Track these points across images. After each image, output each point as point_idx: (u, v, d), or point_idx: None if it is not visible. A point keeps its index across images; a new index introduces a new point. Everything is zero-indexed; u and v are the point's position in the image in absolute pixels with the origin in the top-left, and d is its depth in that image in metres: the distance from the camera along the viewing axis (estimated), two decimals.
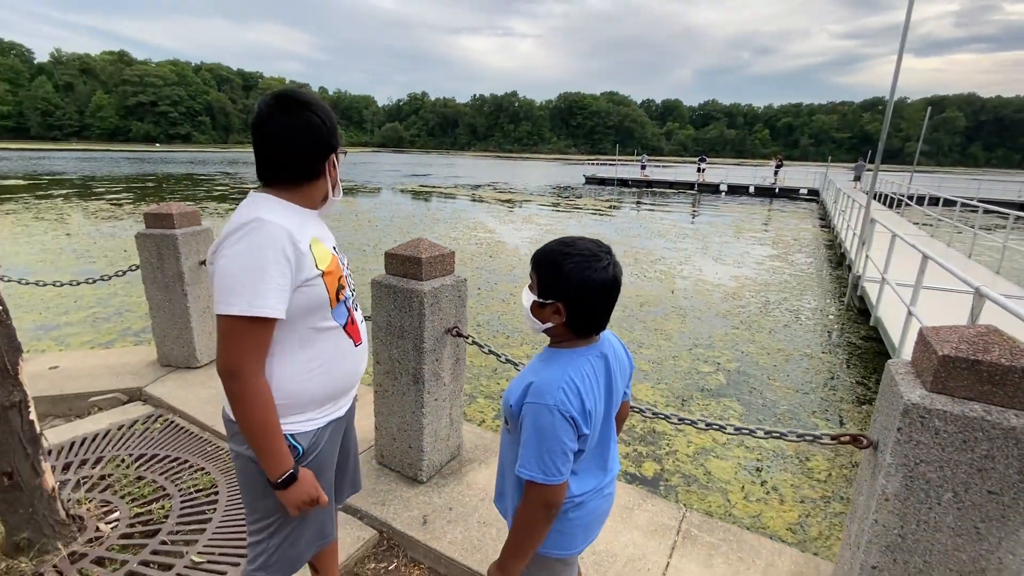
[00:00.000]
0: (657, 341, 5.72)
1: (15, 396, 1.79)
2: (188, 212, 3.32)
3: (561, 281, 1.04)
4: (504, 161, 77.34)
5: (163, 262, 3.27)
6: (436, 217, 15.25)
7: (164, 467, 2.47)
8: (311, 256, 1.14)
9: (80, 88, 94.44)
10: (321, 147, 1.18)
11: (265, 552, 1.25)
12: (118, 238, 10.71)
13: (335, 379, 1.25)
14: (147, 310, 6.18)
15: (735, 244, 12.12)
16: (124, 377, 3.32)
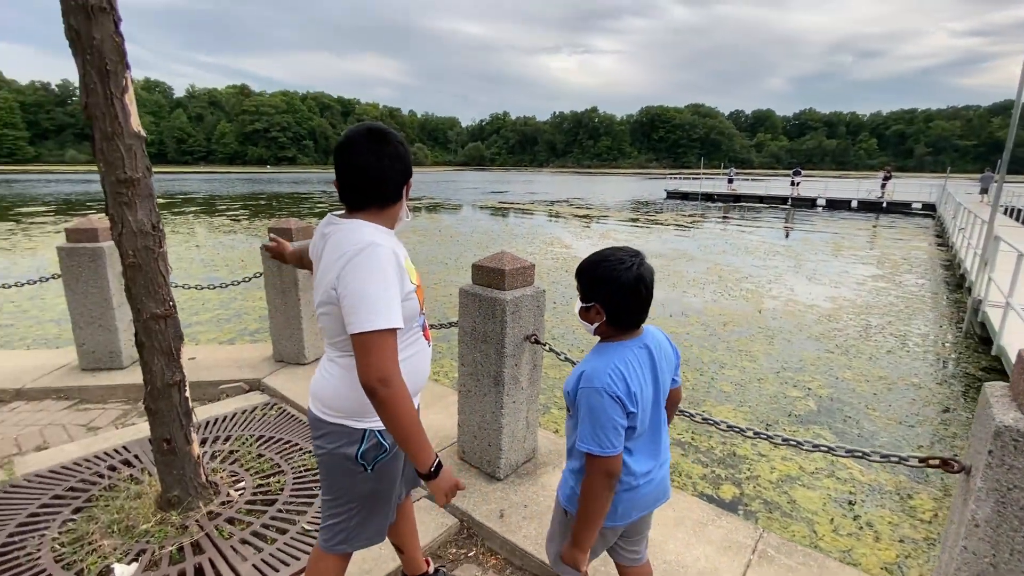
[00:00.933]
0: (741, 362, 5.51)
1: (176, 376, 2.19)
2: (304, 227, 3.78)
3: (596, 285, 1.23)
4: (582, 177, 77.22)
5: (282, 270, 3.74)
6: (514, 232, 15.63)
7: (279, 448, 2.84)
8: (408, 272, 1.30)
9: (208, 118, 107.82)
10: (404, 175, 1.33)
11: (345, 530, 1.42)
12: (237, 249, 12.10)
13: (418, 377, 1.40)
14: (260, 313, 6.99)
15: (832, 263, 11.28)
16: (245, 369, 3.81)
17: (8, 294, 7.66)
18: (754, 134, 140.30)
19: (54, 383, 3.59)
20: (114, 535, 2.14)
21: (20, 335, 6.04)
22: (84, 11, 1.78)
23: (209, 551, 2.08)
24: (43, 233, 14.57)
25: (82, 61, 1.84)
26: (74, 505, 2.33)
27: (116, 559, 2.02)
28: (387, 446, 1.36)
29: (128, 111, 1.93)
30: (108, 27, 1.83)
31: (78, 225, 3.71)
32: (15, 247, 12.13)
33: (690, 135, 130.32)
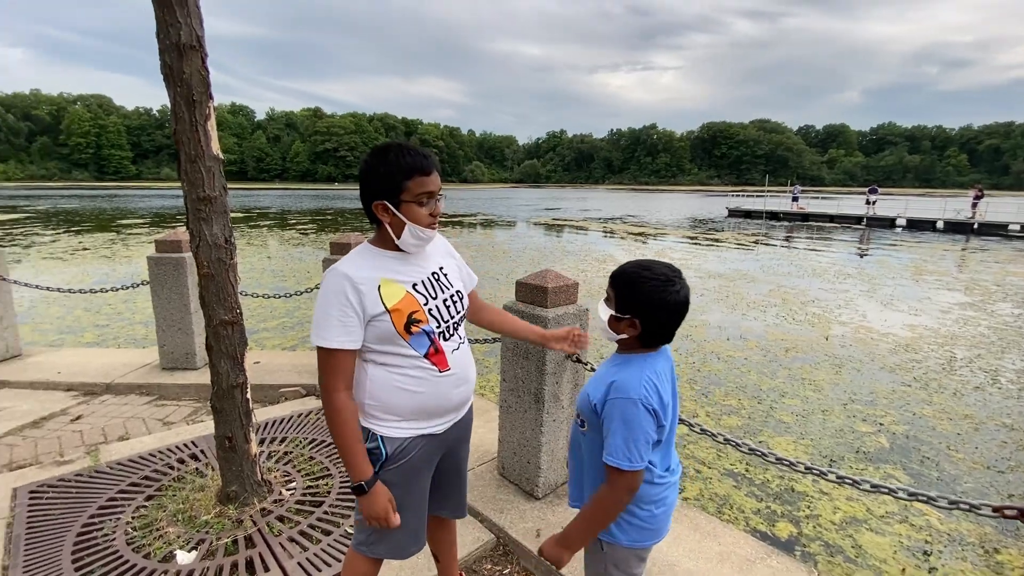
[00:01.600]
0: (804, 391, 5.19)
1: (240, 378, 2.36)
2: (361, 241, 3.99)
3: (638, 300, 1.21)
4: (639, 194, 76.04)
5: None
6: (566, 249, 15.61)
7: (329, 452, 2.97)
8: (378, 296, 1.31)
9: (284, 139, 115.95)
10: (370, 194, 1.32)
11: (364, 532, 1.47)
12: (305, 261, 12.84)
13: (422, 399, 1.38)
14: None
15: (912, 288, 10.44)
16: (304, 375, 4.03)
17: (106, 297, 8.50)
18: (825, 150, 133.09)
19: (138, 380, 3.95)
20: (179, 523, 2.32)
21: (114, 334, 6.68)
22: (177, 49, 2.00)
23: (260, 546, 2.21)
24: (138, 243, 16.11)
25: (173, 92, 2.06)
26: (147, 493, 2.55)
27: (179, 546, 2.18)
28: (385, 452, 1.38)
29: (210, 136, 2.14)
30: (196, 63, 2.05)
31: (165, 237, 4.09)
32: (115, 255, 13.48)
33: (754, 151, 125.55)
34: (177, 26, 1.99)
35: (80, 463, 2.84)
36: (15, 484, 2.63)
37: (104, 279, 10.27)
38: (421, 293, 1.39)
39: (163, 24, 1.99)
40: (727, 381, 5.40)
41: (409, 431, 1.40)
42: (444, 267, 1.49)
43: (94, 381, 3.92)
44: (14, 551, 2.17)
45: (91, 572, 2.05)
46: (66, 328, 6.99)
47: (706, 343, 6.67)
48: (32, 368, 4.16)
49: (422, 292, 1.39)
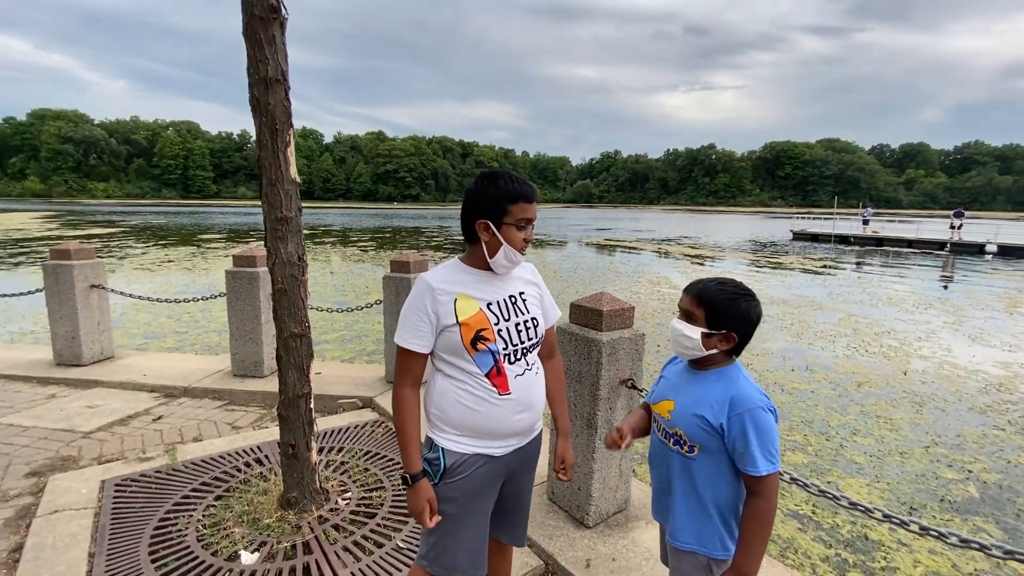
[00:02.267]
0: (879, 430, 4.81)
1: (305, 388, 2.48)
2: (421, 260, 4.12)
3: (736, 315, 1.28)
4: (695, 215, 74.06)
5: (399, 298, 4.08)
6: (619, 270, 15.39)
7: (383, 464, 3.04)
8: (453, 308, 1.39)
9: (349, 161, 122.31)
10: (475, 214, 1.41)
11: (425, 545, 1.50)
12: (364, 277, 13.38)
13: (478, 417, 1.41)
14: (378, 336, 7.61)
15: (1006, 321, 9.49)
16: (361, 387, 4.17)
17: (186, 307, 9.18)
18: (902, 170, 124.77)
19: (211, 385, 4.22)
20: (243, 524, 2.44)
21: (191, 341, 7.20)
22: (264, 83, 2.19)
23: (316, 553, 2.28)
24: (215, 256, 17.37)
25: (259, 122, 2.25)
26: (216, 493, 2.71)
27: (243, 547, 2.29)
28: (444, 463, 1.43)
29: (289, 162, 2.30)
30: (280, 95, 2.23)
31: (242, 252, 4.40)
32: (195, 267, 14.59)
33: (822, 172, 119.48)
34: (265, 62, 2.17)
35: (159, 460, 3.06)
36: (103, 477, 2.86)
37: (185, 289, 11.12)
38: (494, 312, 1.43)
39: (253, 60, 2.18)
40: (792, 414, 5.10)
41: (467, 447, 1.44)
42: (525, 293, 1.52)
43: (173, 384, 4.23)
44: (100, 539, 2.36)
45: (165, 564, 2.19)
46: (151, 333, 7.61)
47: (768, 373, 6.34)
48: (122, 369, 4.55)
49: (495, 312, 1.44)
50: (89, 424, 3.57)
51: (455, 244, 23.74)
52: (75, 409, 3.82)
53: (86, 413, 3.75)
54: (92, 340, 4.67)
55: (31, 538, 2.37)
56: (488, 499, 1.49)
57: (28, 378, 4.40)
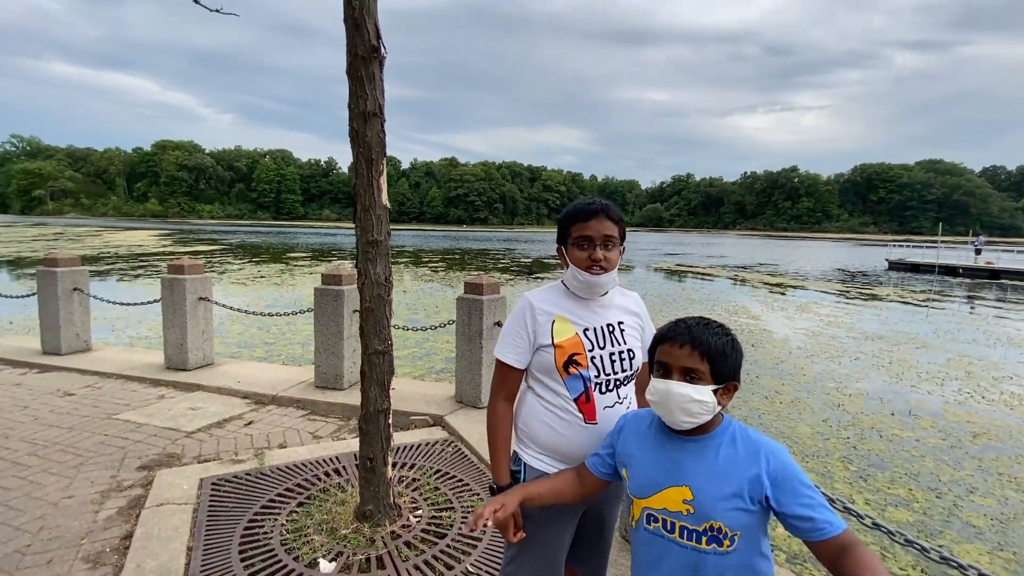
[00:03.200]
0: (1002, 490, 4.22)
1: (385, 404, 2.57)
2: (492, 283, 4.19)
3: (739, 362, 1.12)
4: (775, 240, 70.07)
5: (471, 319, 4.16)
6: (691, 297, 14.80)
7: (452, 485, 3.07)
8: (550, 329, 1.42)
9: (423, 185, 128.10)
10: (558, 237, 1.50)
11: (504, 560, 1.52)
12: (434, 296, 13.81)
13: (560, 438, 1.42)
14: (447, 355, 7.78)
15: None
16: (432, 405, 4.26)
17: (275, 319, 9.89)
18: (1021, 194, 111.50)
19: (296, 395, 4.48)
20: (322, 533, 2.54)
21: (277, 351, 7.73)
22: (363, 116, 2.35)
23: (389, 568, 2.32)
24: (301, 273, 18.66)
25: (356, 152, 2.41)
26: (298, 500, 2.84)
27: (322, 555, 2.38)
28: (523, 478, 1.45)
29: (381, 189, 2.45)
30: (376, 127, 2.38)
31: (329, 271, 4.69)
32: (283, 283, 15.74)
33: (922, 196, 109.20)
34: (365, 97, 2.34)
35: (249, 463, 3.27)
36: (202, 475, 3.10)
37: (274, 303, 12.01)
38: (589, 339, 1.44)
39: (354, 96, 2.35)
40: (893, 465, 4.59)
41: (548, 466, 1.45)
42: (624, 322, 1.51)
43: (263, 392, 4.53)
44: (197, 534, 2.54)
45: (252, 564, 2.32)
46: (244, 343, 8.25)
47: (863, 416, 5.78)
48: (220, 375, 4.95)
49: (590, 338, 1.44)
50: (191, 425, 3.90)
51: (520, 266, 23.97)
52: (180, 410, 4.19)
53: (189, 414, 4.10)
54: (197, 347, 5.13)
55: (140, 527, 2.60)
56: (564, 524, 1.46)
57: (143, 379, 4.90)
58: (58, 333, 5.47)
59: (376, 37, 2.30)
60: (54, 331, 5.48)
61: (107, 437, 3.65)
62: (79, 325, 5.64)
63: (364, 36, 2.27)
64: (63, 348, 5.48)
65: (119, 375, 4.97)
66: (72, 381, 4.84)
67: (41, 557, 2.39)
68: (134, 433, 3.74)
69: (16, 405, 4.20)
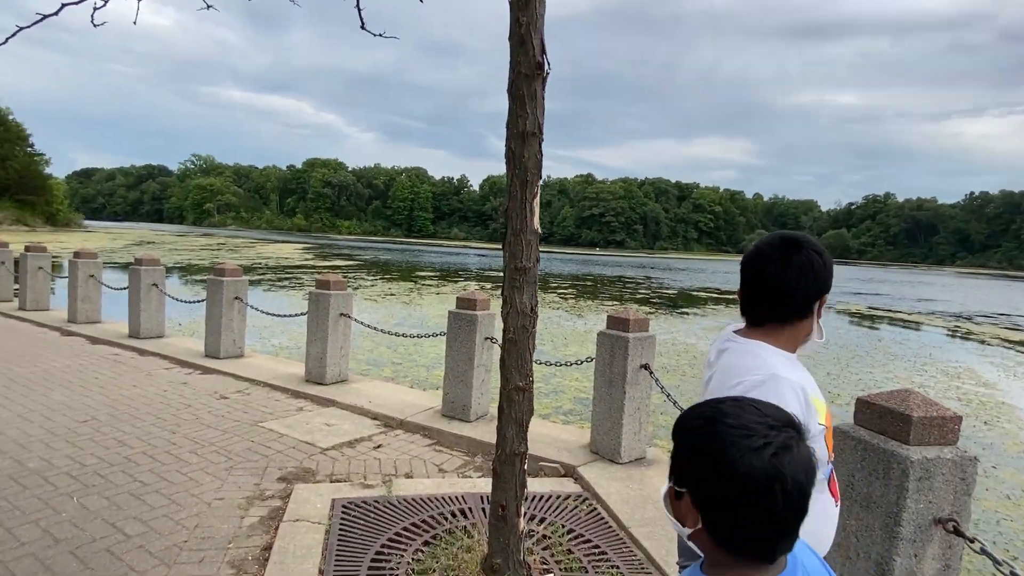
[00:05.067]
0: None
1: (521, 447, 2.58)
2: (641, 319, 4.05)
3: (693, 460, 0.80)
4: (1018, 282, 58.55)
5: (613, 359, 4.05)
6: (890, 351, 12.88)
7: (587, 550, 2.95)
8: (815, 409, 1.24)
9: (555, 204, 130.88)
10: (816, 289, 1.31)
11: None
12: (563, 327, 13.85)
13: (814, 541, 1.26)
14: (577, 395, 7.70)
15: None
16: (563, 452, 4.20)
17: (403, 340, 10.71)
18: None
19: (423, 421, 4.74)
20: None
21: (404, 372, 8.31)
22: (521, 136, 2.44)
23: None
24: (428, 292, 20.07)
25: (511, 173, 2.51)
26: (424, 538, 2.96)
27: None
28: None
29: (534, 212, 2.51)
30: (534, 148, 2.46)
31: (465, 295, 4.94)
32: (411, 302, 17.05)
33: None
34: (525, 116, 2.43)
35: (378, 489, 3.50)
36: (334, 495, 3.39)
37: (402, 322, 13.03)
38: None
39: (514, 115, 2.46)
40: None
41: None
42: None
43: (391, 415, 4.87)
44: (328, 557, 2.76)
45: None
46: (373, 360, 9.03)
47: None
48: (352, 393, 5.44)
49: None
50: (327, 441, 4.32)
51: (662, 298, 23.09)
52: (317, 424, 4.67)
53: (324, 430, 4.55)
54: (335, 363, 5.72)
55: (278, 541, 2.90)
56: None
57: (285, 389, 5.58)
58: (219, 338, 6.49)
59: (541, 52, 2.39)
60: (216, 336, 6.52)
61: (253, 444, 4.19)
62: (236, 332, 6.64)
63: (529, 53, 2.37)
64: (221, 352, 6.48)
65: (266, 383, 5.72)
66: (227, 385, 5.68)
67: (195, 555, 2.78)
68: (276, 443, 4.24)
69: (183, 403, 5.04)
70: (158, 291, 7.51)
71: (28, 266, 9.08)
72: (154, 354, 6.72)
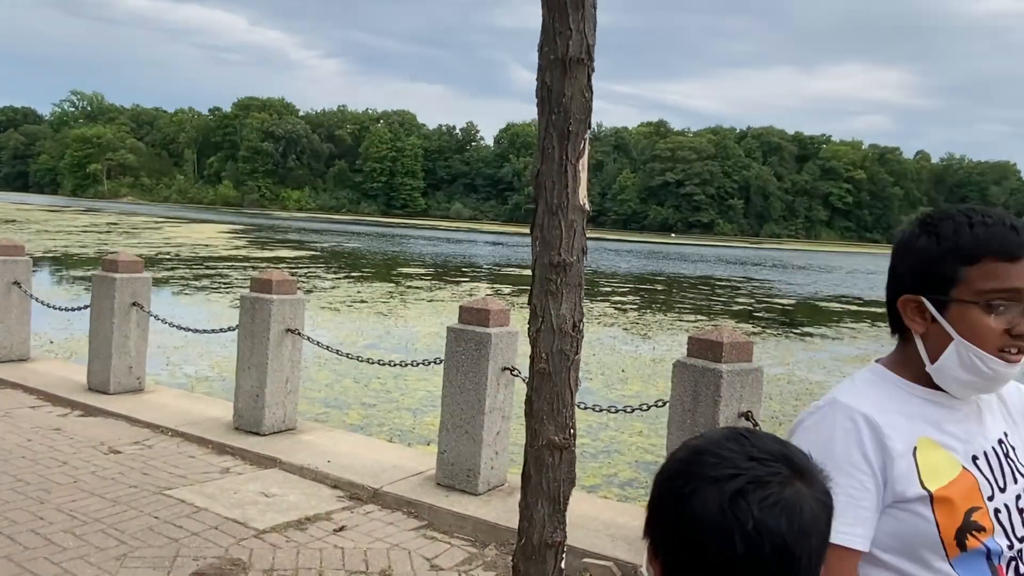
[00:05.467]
0: None
1: (558, 535, 2.59)
2: (740, 343, 4.03)
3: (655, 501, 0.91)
4: None
5: (697, 404, 4.04)
6: None
7: None
8: (913, 464, 1.25)
9: (608, 167, 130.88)
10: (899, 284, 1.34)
11: None
12: (620, 353, 13.85)
13: None
14: (641, 456, 7.69)
15: None
16: (619, 543, 4.20)
17: (377, 370, 10.81)
18: None
19: (407, 493, 4.79)
20: None
21: (380, 418, 8.41)
22: (562, 65, 2.46)
23: None
24: (416, 299, 20.24)
25: (545, 121, 2.52)
26: None
27: None
28: None
29: (579, 179, 2.52)
30: (581, 81, 2.47)
31: (472, 304, 4.98)
32: (391, 312, 17.24)
33: None
34: (567, 34, 2.45)
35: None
36: None
37: (377, 342, 13.18)
38: (986, 477, 1.30)
39: (550, 33, 2.48)
40: None
41: None
42: (1009, 435, 1.39)
43: (362, 483, 4.93)
44: None
45: None
46: (333, 400, 9.15)
47: None
48: (303, 448, 5.53)
49: (987, 475, 1.31)
50: (263, 519, 4.38)
51: (773, 312, 22.90)
52: (249, 494, 4.75)
53: (261, 503, 4.63)
54: (277, 403, 5.81)
55: None
56: None
57: (204, 441, 5.69)
58: (108, 363, 6.65)
59: None
60: (104, 361, 6.68)
61: (157, 521, 4.27)
62: (134, 355, 6.79)
63: None
64: (112, 385, 6.64)
65: (175, 431, 5.85)
66: (120, 432, 5.81)
67: None
68: (190, 520, 4.32)
69: (55, 459, 5.17)
70: (21, 292, 7.72)
71: None
72: (14, 385, 6.90)
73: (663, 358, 13.07)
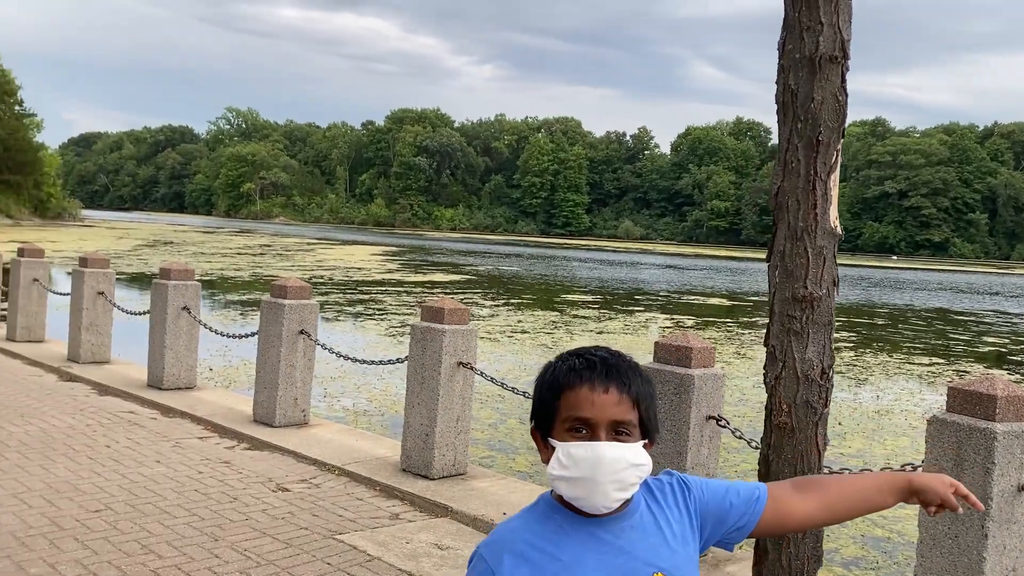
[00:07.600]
0: None
1: None
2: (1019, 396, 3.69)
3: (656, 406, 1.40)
4: None
5: (961, 471, 3.72)
6: None
7: None
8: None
9: None
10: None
11: None
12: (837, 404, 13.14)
13: None
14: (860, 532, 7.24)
15: None
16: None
17: None
18: None
19: None
20: None
21: None
22: (810, 64, 2.38)
23: None
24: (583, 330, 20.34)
25: (787, 130, 2.45)
26: None
27: None
28: None
29: (829, 198, 2.42)
30: (834, 83, 2.38)
31: (669, 340, 4.91)
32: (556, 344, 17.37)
33: None
34: (816, 30, 2.37)
35: None
36: None
37: None
38: None
39: (795, 27, 2.41)
40: None
41: None
42: None
43: None
44: None
45: None
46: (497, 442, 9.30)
47: None
48: (475, 497, 5.64)
49: None
50: (439, 574, 4.49)
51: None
52: (422, 544, 4.89)
53: (435, 555, 4.75)
54: (447, 444, 5.97)
55: None
56: None
57: (372, 482, 5.93)
58: (275, 394, 7.11)
59: None
60: (270, 391, 7.15)
61: (330, 568, 4.49)
62: (299, 386, 7.23)
63: None
64: (278, 417, 7.09)
65: (342, 470, 6.14)
66: (287, 468, 6.18)
67: None
68: (363, 570, 4.50)
69: (225, 494, 5.57)
70: (190, 318, 8.45)
71: (21, 277, 10.74)
72: (183, 414, 7.54)
73: (890, 410, 12.33)
